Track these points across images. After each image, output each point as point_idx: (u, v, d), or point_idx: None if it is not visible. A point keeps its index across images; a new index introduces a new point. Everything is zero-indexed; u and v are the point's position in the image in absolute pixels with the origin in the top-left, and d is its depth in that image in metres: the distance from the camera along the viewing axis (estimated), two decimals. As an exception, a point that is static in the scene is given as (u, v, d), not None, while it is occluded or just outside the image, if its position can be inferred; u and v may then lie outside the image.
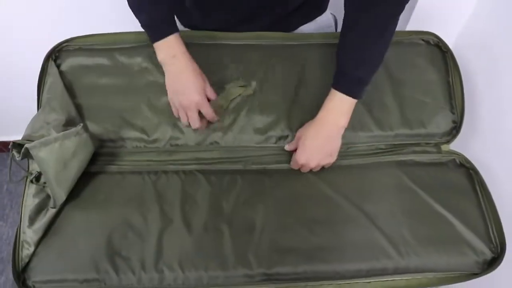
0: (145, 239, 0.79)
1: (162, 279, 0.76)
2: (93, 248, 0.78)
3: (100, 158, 0.87)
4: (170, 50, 0.80)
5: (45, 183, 0.80)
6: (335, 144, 0.84)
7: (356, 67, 0.78)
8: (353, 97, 0.79)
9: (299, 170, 0.86)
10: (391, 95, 0.92)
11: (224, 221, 0.81)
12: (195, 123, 0.84)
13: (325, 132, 0.82)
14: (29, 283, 0.77)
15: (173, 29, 0.80)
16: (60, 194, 0.78)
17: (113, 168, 0.86)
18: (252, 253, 0.78)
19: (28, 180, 0.83)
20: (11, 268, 0.78)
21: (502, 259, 0.80)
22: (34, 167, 0.83)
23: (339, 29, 1.02)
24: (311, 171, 0.86)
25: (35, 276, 0.77)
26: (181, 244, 0.79)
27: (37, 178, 0.82)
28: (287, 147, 0.88)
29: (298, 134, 0.86)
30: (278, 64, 0.93)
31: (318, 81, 0.91)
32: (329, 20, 1.01)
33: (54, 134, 0.77)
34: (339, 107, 0.81)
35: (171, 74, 0.82)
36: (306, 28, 0.98)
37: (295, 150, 0.85)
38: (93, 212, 0.81)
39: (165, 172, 0.86)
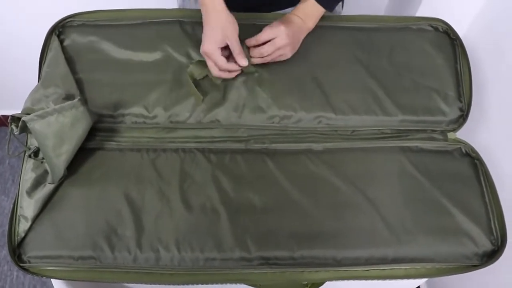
0: (141, 217, 0.78)
1: (158, 259, 0.76)
2: (89, 225, 0.77)
3: (99, 134, 0.86)
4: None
5: (43, 158, 0.80)
6: (297, 44, 0.86)
7: None
8: (325, 7, 0.84)
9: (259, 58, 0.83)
10: (397, 80, 0.90)
11: (223, 202, 0.80)
12: (213, 70, 0.83)
13: (295, 33, 0.83)
14: (24, 258, 0.76)
15: None
16: (58, 169, 0.77)
17: (112, 144, 0.85)
18: (250, 235, 0.77)
19: (26, 154, 0.82)
20: None
21: (502, 252, 0.78)
22: (33, 142, 0.82)
23: (344, 12, 1.00)
24: (311, 152, 0.86)
25: (30, 251, 0.76)
26: (178, 224, 0.78)
27: (36, 153, 0.82)
28: (250, 41, 0.83)
29: (265, 28, 0.82)
30: None
31: (324, 61, 0.90)
32: None
33: (52, 107, 0.77)
34: (309, 13, 0.85)
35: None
36: None
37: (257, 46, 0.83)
38: (90, 189, 0.81)
39: (164, 150, 0.85)
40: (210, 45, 0.79)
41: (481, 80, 0.97)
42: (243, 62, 0.81)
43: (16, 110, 0.83)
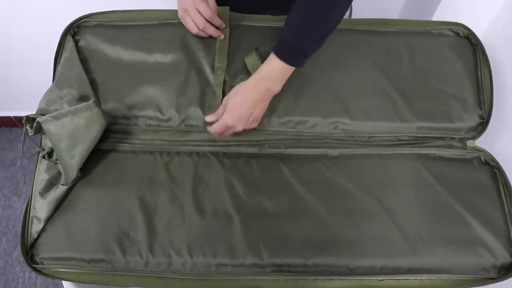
0: (154, 221, 0.78)
1: (170, 263, 0.75)
2: (102, 228, 0.77)
3: (112, 135, 0.86)
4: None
5: (57, 159, 0.79)
6: (263, 109, 0.82)
7: (299, 35, 0.74)
8: (292, 65, 0.76)
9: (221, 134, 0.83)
10: (416, 86, 0.88)
11: (236, 207, 0.79)
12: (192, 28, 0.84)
13: (257, 96, 0.79)
14: (37, 259, 0.77)
15: None
16: (71, 170, 0.77)
17: (125, 146, 0.85)
18: (263, 242, 0.76)
19: (40, 155, 0.82)
20: None
21: (522, 265, 0.76)
22: (47, 143, 0.82)
23: (358, 15, 0.98)
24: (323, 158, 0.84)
25: (43, 252, 0.76)
26: (190, 228, 0.77)
27: (50, 154, 0.82)
28: (209, 118, 0.83)
29: (225, 99, 0.82)
30: None
31: (340, 65, 0.89)
32: None
33: (66, 108, 0.77)
34: (274, 74, 0.78)
35: None
36: None
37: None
38: (103, 191, 0.80)
39: (178, 153, 0.85)
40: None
41: (501, 85, 0.95)
42: (218, 22, 0.84)
43: (28, 111, 0.83)
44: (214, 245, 0.76)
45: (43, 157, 0.81)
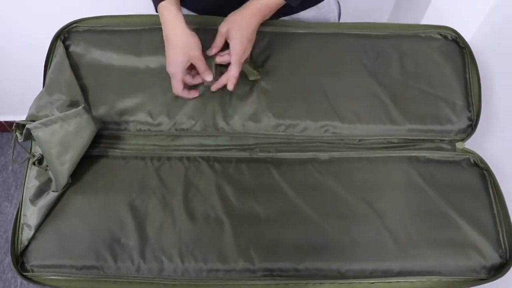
0: (145, 227, 0.77)
1: (162, 269, 0.75)
2: (93, 234, 0.77)
3: (103, 141, 0.86)
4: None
5: (47, 166, 0.79)
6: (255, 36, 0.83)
7: None
8: None
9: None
10: (405, 89, 0.89)
11: (227, 212, 0.79)
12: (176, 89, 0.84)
13: (255, 23, 0.81)
14: (28, 266, 0.76)
15: None
16: (62, 177, 0.77)
17: (116, 152, 0.85)
18: (254, 246, 0.77)
19: (30, 162, 0.82)
20: None
21: (511, 265, 0.77)
22: (37, 149, 0.82)
23: (342, 19, 0.98)
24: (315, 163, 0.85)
25: (33, 260, 0.76)
26: (181, 234, 0.77)
27: (40, 160, 0.81)
28: (213, 51, 0.84)
29: (222, 28, 0.82)
30: (281, 52, 0.90)
31: (330, 69, 0.89)
32: (331, 7, 0.99)
33: (56, 114, 0.76)
34: (271, 2, 0.80)
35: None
36: (308, 14, 0.96)
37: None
38: (94, 197, 0.80)
39: (169, 158, 0.85)
40: (174, 68, 0.81)
41: (489, 88, 0.96)
42: (209, 77, 0.83)
43: (18, 116, 0.82)
44: (205, 250, 0.76)
45: (34, 163, 0.81)
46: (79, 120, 0.77)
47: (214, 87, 0.85)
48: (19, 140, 0.78)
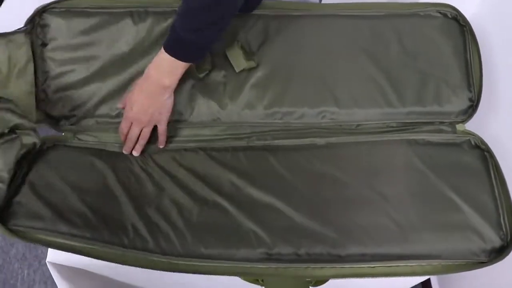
0: (141, 206, 0.77)
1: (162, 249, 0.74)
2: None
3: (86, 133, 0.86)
4: (179, 71, 0.76)
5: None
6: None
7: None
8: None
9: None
10: (404, 70, 0.87)
11: (226, 198, 0.79)
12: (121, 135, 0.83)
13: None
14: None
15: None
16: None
17: (115, 146, 0.86)
18: (254, 231, 0.76)
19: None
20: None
21: (511, 248, 0.76)
22: None
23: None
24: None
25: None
26: (179, 220, 0.76)
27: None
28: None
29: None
30: (276, 36, 0.87)
31: (326, 53, 0.87)
32: None
33: None
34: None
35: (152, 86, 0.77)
36: None
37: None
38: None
39: (164, 150, 0.85)
40: (136, 124, 0.80)
41: (490, 67, 0.93)
42: (161, 145, 0.85)
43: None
44: (204, 235, 0.76)
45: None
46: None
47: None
48: None
